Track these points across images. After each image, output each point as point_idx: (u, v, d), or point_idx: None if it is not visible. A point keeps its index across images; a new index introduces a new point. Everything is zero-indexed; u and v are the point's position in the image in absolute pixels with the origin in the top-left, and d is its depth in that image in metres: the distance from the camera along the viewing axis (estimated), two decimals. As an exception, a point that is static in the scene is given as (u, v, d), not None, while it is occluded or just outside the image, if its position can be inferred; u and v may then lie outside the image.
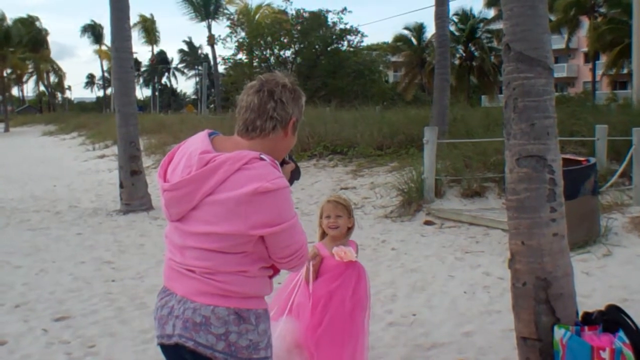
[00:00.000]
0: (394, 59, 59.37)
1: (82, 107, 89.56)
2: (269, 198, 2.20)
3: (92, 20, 78.62)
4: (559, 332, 3.65)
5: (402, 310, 5.86)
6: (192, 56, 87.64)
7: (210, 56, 63.26)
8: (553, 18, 43.63)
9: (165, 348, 2.40)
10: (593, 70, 47.70)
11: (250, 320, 2.29)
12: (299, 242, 2.35)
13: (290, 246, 2.32)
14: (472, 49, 54.44)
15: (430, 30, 55.76)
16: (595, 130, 11.44)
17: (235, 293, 2.28)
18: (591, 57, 48.67)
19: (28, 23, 71.46)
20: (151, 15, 76.70)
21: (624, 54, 39.09)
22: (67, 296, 6.59)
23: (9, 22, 62.44)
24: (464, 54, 54.36)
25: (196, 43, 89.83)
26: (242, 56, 44.17)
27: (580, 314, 3.84)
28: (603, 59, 48.43)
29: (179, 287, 2.34)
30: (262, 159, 2.25)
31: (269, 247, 2.31)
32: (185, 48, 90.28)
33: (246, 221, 2.20)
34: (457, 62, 51.88)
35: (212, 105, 61.72)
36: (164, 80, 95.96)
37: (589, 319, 3.75)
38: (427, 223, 9.68)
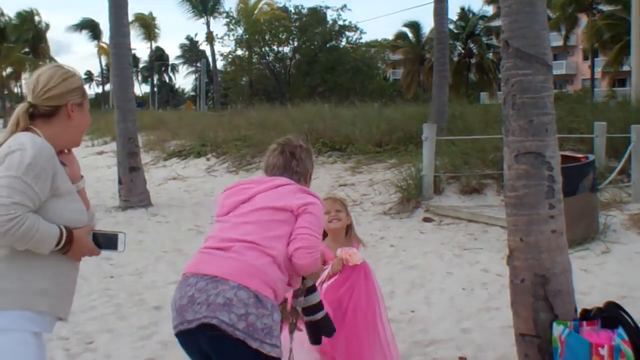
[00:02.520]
0: (393, 57, 59.31)
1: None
2: (305, 194, 2.98)
3: (84, 18, 78.16)
4: (557, 329, 3.64)
5: (400, 307, 5.86)
6: (192, 52, 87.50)
7: (209, 53, 63.22)
8: (552, 15, 43.58)
9: (183, 335, 2.70)
10: (592, 67, 47.65)
11: (267, 306, 2.63)
12: (315, 235, 2.85)
13: (311, 231, 2.83)
14: (471, 46, 54.40)
15: (428, 28, 55.75)
16: (594, 128, 11.44)
17: (259, 272, 2.68)
18: (590, 55, 48.63)
19: (28, 17, 71.22)
20: (150, 13, 76.27)
21: (623, 52, 39.05)
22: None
23: (7, 17, 62.19)
24: (462, 51, 54.31)
25: (195, 40, 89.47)
26: (240, 52, 44.15)
27: (579, 310, 3.84)
28: (602, 56, 48.38)
29: (209, 268, 2.71)
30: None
31: (297, 225, 2.84)
32: (187, 44, 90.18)
33: (290, 201, 2.89)
34: (455, 59, 51.81)
35: (210, 102, 61.65)
36: (162, 76, 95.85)
37: (587, 316, 3.75)
38: (426, 220, 9.68)
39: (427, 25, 56.68)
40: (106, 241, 2.54)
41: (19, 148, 2.30)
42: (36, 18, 72.41)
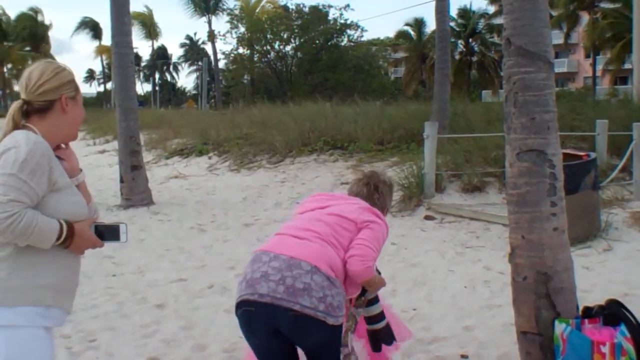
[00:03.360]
0: (395, 55, 59.28)
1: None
2: (370, 214, 3.34)
3: (86, 17, 78.14)
4: (559, 327, 3.64)
5: (402, 305, 5.86)
6: (194, 51, 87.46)
7: (211, 51, 63.21)
8: (553, 13, 43.54)
9: (248, 304, 2.97)
10: (593, 65, 47.64)
11: (337, 285, 3.01)
12: (371, 247, 3.17)
13: (369, 243, 3.16)
14: (473, 44, 54.37)
15: (430, 26, 55.74)
16: (596, 125, 11.43)
17: (329, 258, 3.03)
18: (592, 52, 48.59)
19: (29, 17, 71.25)
20: (147, 7, 76.04)
21: (625, 49, 39.01)
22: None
23: (9, 16, 62.21)
24: (464, 49, 54.28)
25: (197, 38, 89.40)
26: (242, 50, 44.13)
27: (581, 308, 3.84)
28: (603, 54, 48.35)
29: (282, 249, 3.05)
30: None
31: (357, 237, 3.18)
32: (188, 42, 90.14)
33: (357, 215, 3.28)
34: (457, 57, 51.78)
35: (212, 101, 61.65)
36: (164, 75, 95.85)
37: (589, 314, 3.75)
38: (428, 218, 9.68)
39: (429, 23, 56.78)
40: (108, 233, 2.55)
41: (13, 146, 2.32)
42: (38, 17, 72.45)
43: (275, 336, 3.01)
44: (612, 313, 3.65)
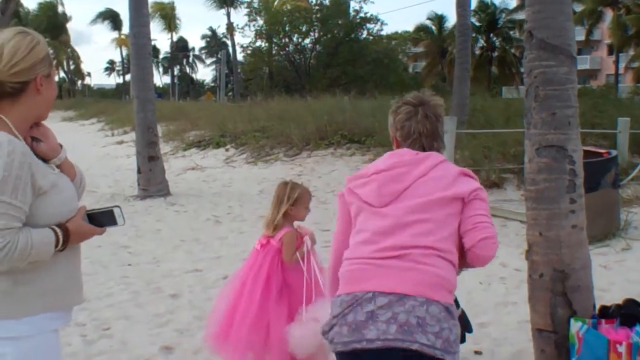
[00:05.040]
0: (414, 49, 59.05)
1: (101, 93, 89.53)
2: (469, 178, 2.66)
3: (105, 8, 78.55)
4: (575, 325, 3.60)
5: (417, 300, 5.82)
6: (215, 43, 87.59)
7: (229, 44, 63.32)
8: (576, 9, 43.15)
9: (356, 354, 2.41)
10: (616, 62, 47.15)
11: (454, 316, 2.46)
12: (493, 224, 2.61)
13: (490, 219, 2.62)
14: (494, 39, 54.01)
15: (451, 21, 55.42)
16: (618, 123, 11.31)
17: (444, 281, 2.47)
18: (615, 50, 48.11)
19: (50, 8, 71.73)
20: (171, 2, 76.22)
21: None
22: (83, 279, 6.60)
23: (27, 8, 62.61)
24: (485, 45, 53.92)
25: (217, 31, 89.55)
26: (261, 43, 44.11)
27: (598, 307, 3.79)
28: (626, 52, 47.85)
29: (388, 283, 2.43)
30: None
31: (471, 213, 2.58)
32: (209, 34, 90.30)
33: (459, 188, 2.58)
34: (478, 52, 51.46)
35: (230, 93, 61.78)
36: (183, 67, 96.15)
37: (606, 313, 3.70)
38: (444, 213, 9.61)
39: (450, 18, 56.48)
40: (104, 219, 2.41)
41: None
42: (58, 8, 72.90)
43: None
44: (630, 313, 3.60)
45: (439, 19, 57.86)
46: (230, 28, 59.91)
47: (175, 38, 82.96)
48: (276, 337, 3.91)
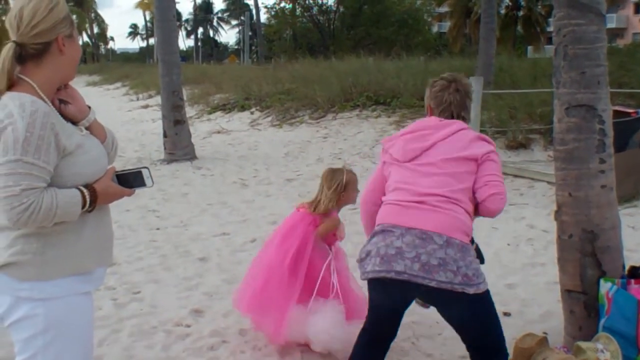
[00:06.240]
0: (439, 9, 58.08)
1: (125, 57, 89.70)
2: (484, 142, 3.11)
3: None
4: (604, 286, 3.59)
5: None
6: (237, 5, 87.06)
7: (253, 6, 62.85)
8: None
9: (385, 282, 2.91)
10: (645, 19, 46.06)
11: (470, 252, 2.89)
12: (503, 183, 3.07)
13: (500, 178, 3.06)
14: (520, -2, 52.94)
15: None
16: (647, 81, 11.09)
17: (461, 223, 2.92)
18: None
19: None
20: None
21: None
22: (113, 243, 6.71)
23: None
24: (510, 4, 52.88)
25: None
26: (284, 4, 43.71)
27: (627, 267, 3.76)
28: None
29: (413, 221, 2.91)
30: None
31: (484, 173, 3.02)
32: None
33: (474, 150, 3.03)
34: (503, 12, 50.50)
35: (254, 56, 61.51)
36: (207, 31, 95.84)
37: (635, 273, 3.68)
38: (471, 175, 9.56)
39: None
40: (133, 180, 2.40)
41: (9, 122, 2.07)
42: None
43: (402, 305, 3.11)
44: (660, 273, 3.58)
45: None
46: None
47: (198, 0, 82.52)
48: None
